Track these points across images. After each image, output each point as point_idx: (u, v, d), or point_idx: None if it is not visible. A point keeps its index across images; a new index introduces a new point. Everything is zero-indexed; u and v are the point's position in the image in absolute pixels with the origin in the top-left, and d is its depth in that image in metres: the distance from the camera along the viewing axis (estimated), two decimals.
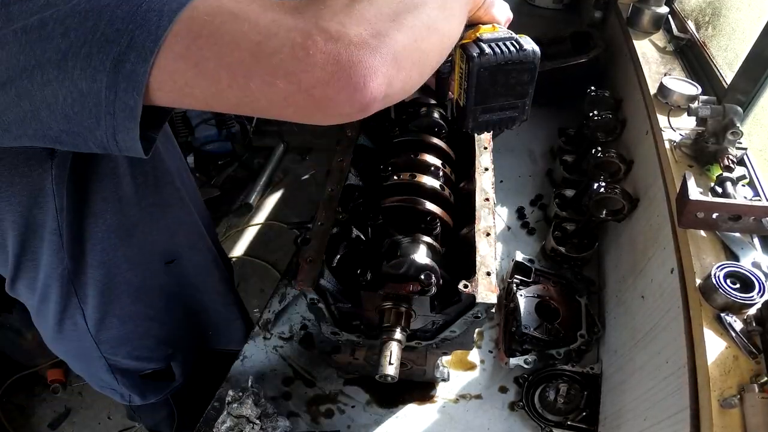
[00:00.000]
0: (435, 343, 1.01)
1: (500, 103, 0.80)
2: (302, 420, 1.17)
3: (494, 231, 0.99)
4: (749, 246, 0.96)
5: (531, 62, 0.76)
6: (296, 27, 0.52)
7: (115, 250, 1.00)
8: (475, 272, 0.90)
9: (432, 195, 1.06)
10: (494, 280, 0.90)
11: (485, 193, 1.07)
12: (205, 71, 0.52)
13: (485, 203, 1.05)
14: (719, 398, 0.75)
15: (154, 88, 0.53)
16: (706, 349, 0.80)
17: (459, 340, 1.00)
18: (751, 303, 0.84)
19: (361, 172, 1.20)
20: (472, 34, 0.77)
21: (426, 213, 0.99)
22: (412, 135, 1.16)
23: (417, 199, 1.02)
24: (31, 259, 0.95)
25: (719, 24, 1.55)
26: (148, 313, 1.18)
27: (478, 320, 0.93)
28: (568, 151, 1.76)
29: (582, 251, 1.45)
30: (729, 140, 1.08)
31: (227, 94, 0.54)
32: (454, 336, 0.97)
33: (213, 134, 3.20)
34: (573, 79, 1.90)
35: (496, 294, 0.88)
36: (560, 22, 2.60)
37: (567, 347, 1.23)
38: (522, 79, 0.78)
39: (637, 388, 1.02)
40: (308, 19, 0.53)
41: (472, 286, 0.88)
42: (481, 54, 0.73)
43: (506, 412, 1.20)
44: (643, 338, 1.08)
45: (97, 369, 1.21)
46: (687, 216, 0.96)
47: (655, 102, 1.36)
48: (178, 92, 0.54)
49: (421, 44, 0.59)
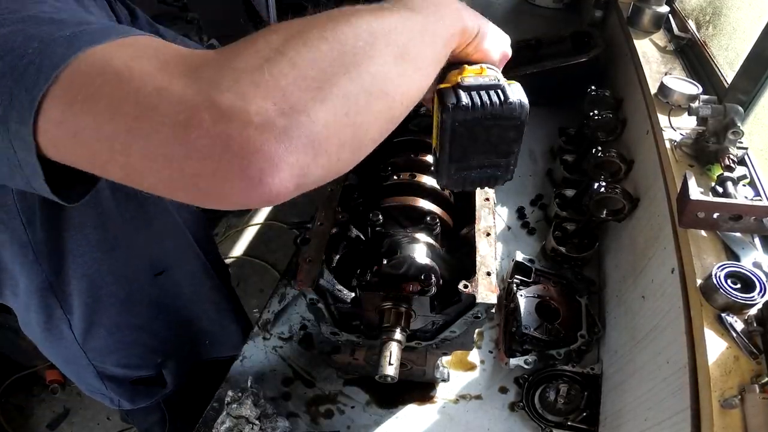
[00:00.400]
0: (435, 344, 1.01)
1: (479, 161, 0.69)
2: (302, 420, 1.17)
3: (494, 231, 0.99)
4: (750, 246, 0.96)
5: (516, 118, 0.63)
6: (183, 99, 0.41)
7: (98, 263, 0.98)
8: (476, 272, 0.90)
9: (432, 194, 1.06)
10: (494, 280, 0.89)
11: (485, 193, 1.07)
12: (82, 142, 0.44)
13: (485, 203, 1.05)
14: (720, 399, 0.74)
15: (46, 149, 0.45)
16: (707, 350, 0.80)
17: (459, 341, 0.99)
18: (752, 303, 0.83)
19: (360, 172, 1.20)
20: (455, 76, 0.65)
21: (426, 212, 0.99)
22: (412, 135, 1.16)
23: (417, 199, 1.02)
24: (5, 270, 0.94)
25: (720, 23, 1.54)
26: (137, 323, 1.16)
27: (478, 320, 0.92)
28: (569, 151, 1.76)
29: (582, 251, 1.45)
30: (730, 140, 1.08)
31: (110, 168, 0.45)
32: (454, 336, 0.97)
33: None
34: (573, 78, 1.90)
35: (496, 294, 0.88)
36: (560, 21, 2.60)
37: (567, 347, 1.23)
38: (506, 136, 0.65)
39: (638, 388, 1.02)
40: (201, 87, 0.42)
41: (472, 286, 0.88)
42: (457, 104, 0.61)
43: (506, 413, 1.19)
44: (643, 338, 1.08)
45: (85, 374, 1.20)
46: (687, 216, 0.96)
47: (655, 101, 1.36)
48: (70, 158, 0.46)
49: (355, 118, 0.47)
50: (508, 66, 0.77)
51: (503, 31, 0.76)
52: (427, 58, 0.56)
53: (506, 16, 2.72)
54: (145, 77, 0.43)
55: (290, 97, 0.43)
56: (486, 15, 0.73)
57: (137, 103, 0.42)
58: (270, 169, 0.41)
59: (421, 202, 1.02)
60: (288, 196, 0.45)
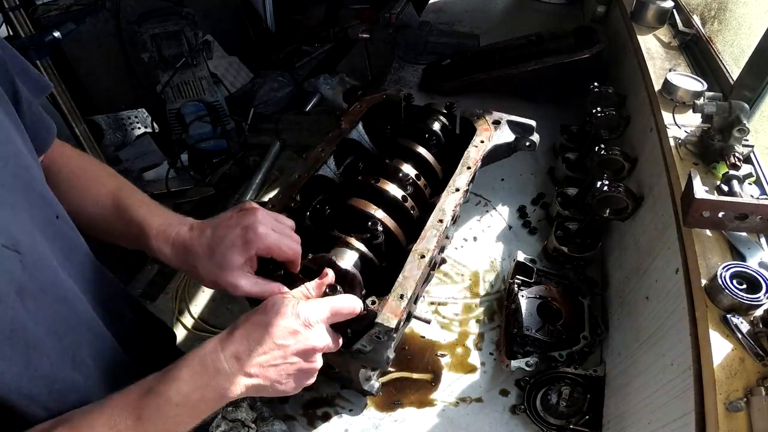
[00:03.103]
0: (351, 353, 0.96)
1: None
2: (299, 423, 1.15)
3: (431, 255, 0.97)
4: (756, 246, 0.94)
5: None
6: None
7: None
8: (389, 291, 0.89)
9: (390, 204, 1.05)
10: (403, 305, 0.88)
11: (442, 214, 1.05)
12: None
13: (437, 224, 1.03)
14: (725, 401, 0.73)
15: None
16: (712, 351, 0.78)
17: (371, 357, 0.97)
18: (758, 304, 0.82)
19: (347, 168, 1.20)
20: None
21: (371, 219, 0.99)
22: (400, 139, 1.16)
23: (369, 204, 1.02)
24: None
25: (725, 18, 1.52)
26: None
27: (381, 341, 0.91)
28: (571, 149, 1.75)
29: (585, 251, 1.43)
30: (735, 137, 1.06)
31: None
32: (366, 351, 0.94)
33: (207, 131, 3.17)
34: (576, 75, 1.89)
35: (397, 319, 0.86)
36: (563, 16, 2.59)
37: (569, 349, 1.21)
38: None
39: (642, 391, 1.01)
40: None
41: (380, 305, 0.87)
42: None
43: (507, 416, 1.18)
44: (647, 340, 1.06)
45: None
46: (692, 215, 0.94)
47: (659, 98, 1.34)
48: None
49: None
50: (510, 63, 0.76)
51: (503, 29, 0.76)
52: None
53: (509, 11, 2.71)
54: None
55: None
56: (488, 11, 0.72)
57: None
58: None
59: (372, 208, 1.02)
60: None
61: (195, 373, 0.68)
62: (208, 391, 0.68)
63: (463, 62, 2.17)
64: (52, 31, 2.17)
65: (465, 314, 1.38)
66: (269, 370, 0.73)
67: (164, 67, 2.87)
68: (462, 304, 1.41)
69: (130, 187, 0.90)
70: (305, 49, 4.52)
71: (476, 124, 1.28)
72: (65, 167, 0.87)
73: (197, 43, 2.87)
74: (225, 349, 0.71)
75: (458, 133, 1.32)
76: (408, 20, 2.42)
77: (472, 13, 2.67)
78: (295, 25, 4.53)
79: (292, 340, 0.74)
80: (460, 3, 2.78)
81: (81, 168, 0.89)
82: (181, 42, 2.83)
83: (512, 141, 1.28)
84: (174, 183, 3.22)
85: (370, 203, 1.02)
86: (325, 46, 4.59)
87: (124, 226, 0.85)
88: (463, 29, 2.51)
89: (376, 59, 3.93)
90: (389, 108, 1.36)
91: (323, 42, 4.60)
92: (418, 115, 1.29)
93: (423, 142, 1.20)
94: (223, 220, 0.85)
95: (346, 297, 0.83)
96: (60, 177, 0.86)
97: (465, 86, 2.08)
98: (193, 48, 2.87)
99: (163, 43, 2.79)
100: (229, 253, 0.81)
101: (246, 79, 3.86)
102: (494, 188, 1.75)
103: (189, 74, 2.96)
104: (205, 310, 2.44)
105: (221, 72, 3.66)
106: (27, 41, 2.15)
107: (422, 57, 2.37)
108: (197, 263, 0.82)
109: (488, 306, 1.40)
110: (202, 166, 3.35)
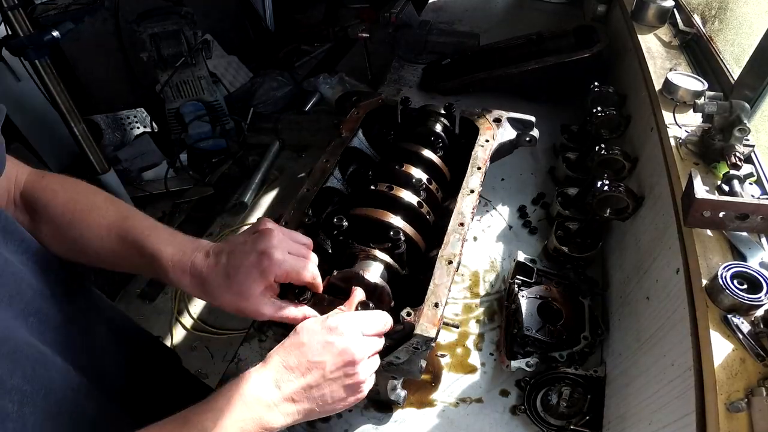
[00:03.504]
0: (382, 365, 0.94)
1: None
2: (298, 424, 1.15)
3: (458, 259, 0.96)
4: (757, 246, 0.94)
5: None
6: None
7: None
8: (424, 301, 0.88)
9: (407, 210, 1.03)
10: (440, 313, 0.87)
11: (462, 217, 1.03)
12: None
13: (458, 228, 1.01)
14: (726, 402, 0.73)
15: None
16: (713, 352, 0.78)
17: (405, 368, 0.95)
18: (758, 304, 0.82)
19: (351, 177, 1.18)
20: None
21: (392, 229, 0.97)
22: (404, 143, 1.14)
23: (386, 213, 1.00)
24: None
25: (726, 18, 1.52)
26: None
27: (419, 351, 0.90)
28: (571, 149, 1.74)
29: (585, 251, 1.43)
30: (736, 137, 1.06)
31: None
32: (400, 362, 0.93)
33: (207, 131, 3.16)
34: (576, 74, 1.89)
35: (437, 328, 0.85)
36: (564, 16, 2.59)
37: (570, 349, 1.21)
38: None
39: (642, 391, 1.00)
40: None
41: (416, 315, 0.86)
42: None
43: (507, 416, 1.17)
44: (648, 340, 1.06)
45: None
46: (693, 215, 0.94)
47: (660, 98, 1.34)
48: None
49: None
50: (511, 62, 0.75)
51: (503, 28, 0.75)
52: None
53: (509, 10, 2.70)
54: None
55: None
56: (489, 10, 0.71)
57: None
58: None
59: (391, 217, 1.00)
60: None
61: (233, 404, 0.67)
62: (248, 423, 0.67)
63: (463, 62, 2.16)
64: (50, 30, 2.17)
65: (465, 314, 1.38)
66: (311, 391, 0.72)
67: (163, 66, 2.87)
68: (462, 305, 1.40)
69: (130, 211, 0.84)
70: (305, 48, 4.52)
71: (477, 123, 1.27)
72: (52, 201, 0.81)
73: (196, 43, 2.87)
74: (263, 378, 0.70)
75: (458, 133, 1.31)
76: (408, 19, 2.42)
77: (472, 12, 2.66)
78: (294, 25, 4.52)
79: (327, 355, 0.73)
80: (460, 2, 2.77)
81: (71, 200, 0.82)
82: (180, 41, 2.83)
83: (514, 138, 1.28)
84: (173, 183, 3.21)
85: (387, 212, 0.99)
86: (325, 46, 4.58)
87: (136, 258, 0.80)
88: (463, 28, 2.50)
89: (376, 58, 3.92)
90: (386, 112, 1.34)
91: (323, 41, 4.59)
92: (417, 118, 1.28)
93: (428, 145, 1.19)
94: (238, 244, 0.81)
95: (377, 313, 0.82)
96: (49, 214, 0.80)
97: (465, 86, 2.08)
98: (192, 47, 2.86)
99: (162, 42, 2.78)
100: (247, 282, 0.78)
101: (245, 78, 3.85)
102: (494, 188, 1.74)
103: (188, 74, 2.95)
104: (204, 311, 2.45)
105: (220, 71, 3.65)
106: (26, 41, 2.14)
107: (422, 56, 2.36)
108: (216, 293, 0.79)
109: (488, 306, 1.40)
110: (202, 165, 3.34)
